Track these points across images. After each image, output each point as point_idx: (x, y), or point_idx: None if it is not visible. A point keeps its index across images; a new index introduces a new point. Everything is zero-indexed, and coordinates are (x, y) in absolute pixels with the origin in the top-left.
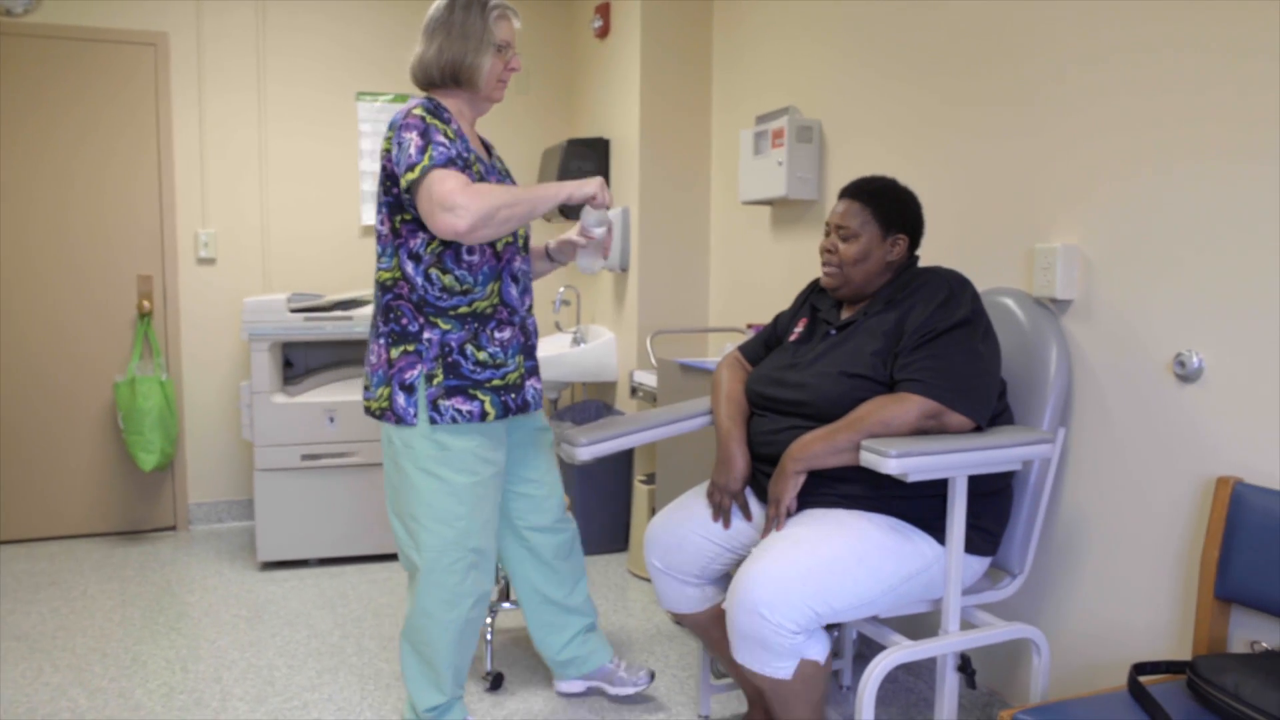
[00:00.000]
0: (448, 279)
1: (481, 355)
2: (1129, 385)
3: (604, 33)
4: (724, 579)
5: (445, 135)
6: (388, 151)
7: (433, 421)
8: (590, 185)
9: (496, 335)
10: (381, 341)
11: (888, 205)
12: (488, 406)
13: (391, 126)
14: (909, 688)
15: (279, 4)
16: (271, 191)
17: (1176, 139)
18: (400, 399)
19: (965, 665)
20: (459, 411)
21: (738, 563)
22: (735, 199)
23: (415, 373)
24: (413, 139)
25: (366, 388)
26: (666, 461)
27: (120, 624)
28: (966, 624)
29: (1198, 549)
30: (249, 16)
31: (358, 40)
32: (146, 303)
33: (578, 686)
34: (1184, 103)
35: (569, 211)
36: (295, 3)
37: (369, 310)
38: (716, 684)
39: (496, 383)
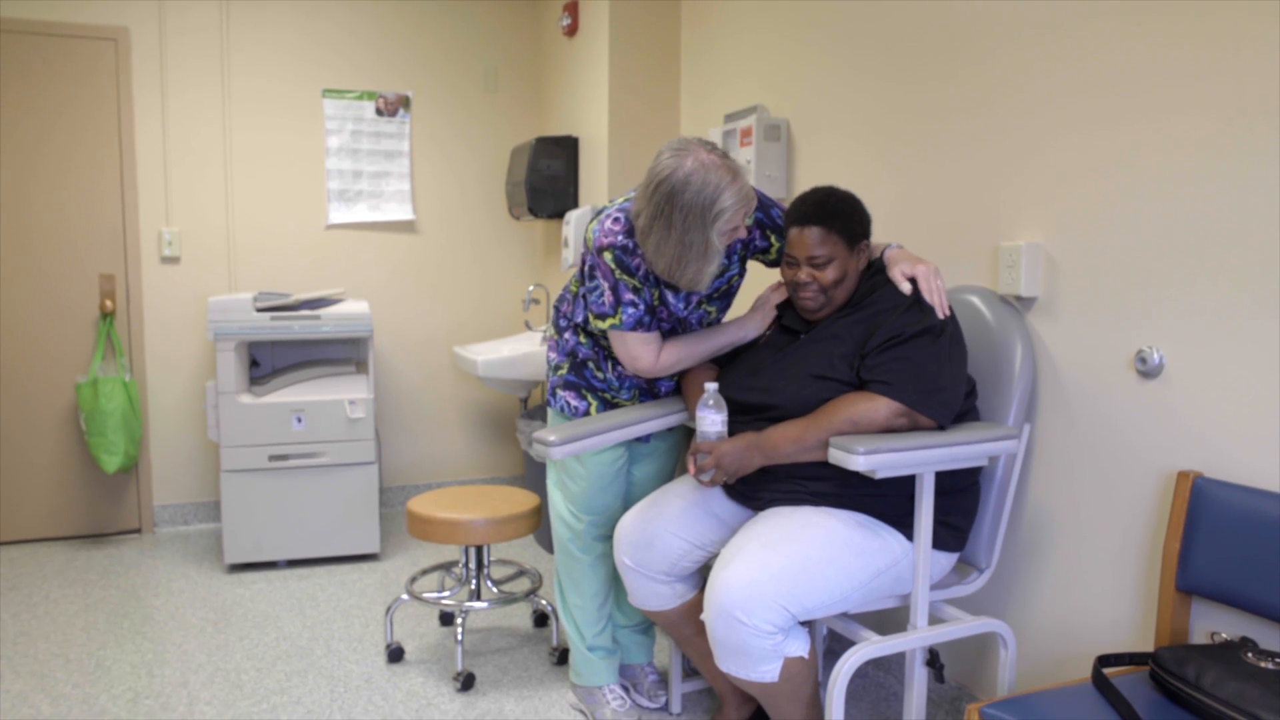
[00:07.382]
0: (596, 325)
1: (600, 375)
2: (1092, 381)
3: (572, 31)
4: (694, 576)
5: (634, 289)
6: (587, 250)
7: (547, 405)
8: (764, 315)
9: (617, 368)
10: (552, 318)
11: (847, 221)
12: (593, 411)
13: (586, 243)
14: (879, 683)
15: None
16: (236, 189)
17: (1139, 139)
18: (548, 369)
19: (934, 660)
20: (568, 404)
21: (708, 560)
22: None
23: (553, 356)
24: (604, 291)
25: None
26: None
27: (84, 629)
28: (935, 619)
29: (1159, 542)
30: (212, 11)
31: (324, 34)
32: (109, 302)
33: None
34: (1146, 103)
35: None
36: None
37: (336, 309)
38: (688, 682)
39: (607, 396)
